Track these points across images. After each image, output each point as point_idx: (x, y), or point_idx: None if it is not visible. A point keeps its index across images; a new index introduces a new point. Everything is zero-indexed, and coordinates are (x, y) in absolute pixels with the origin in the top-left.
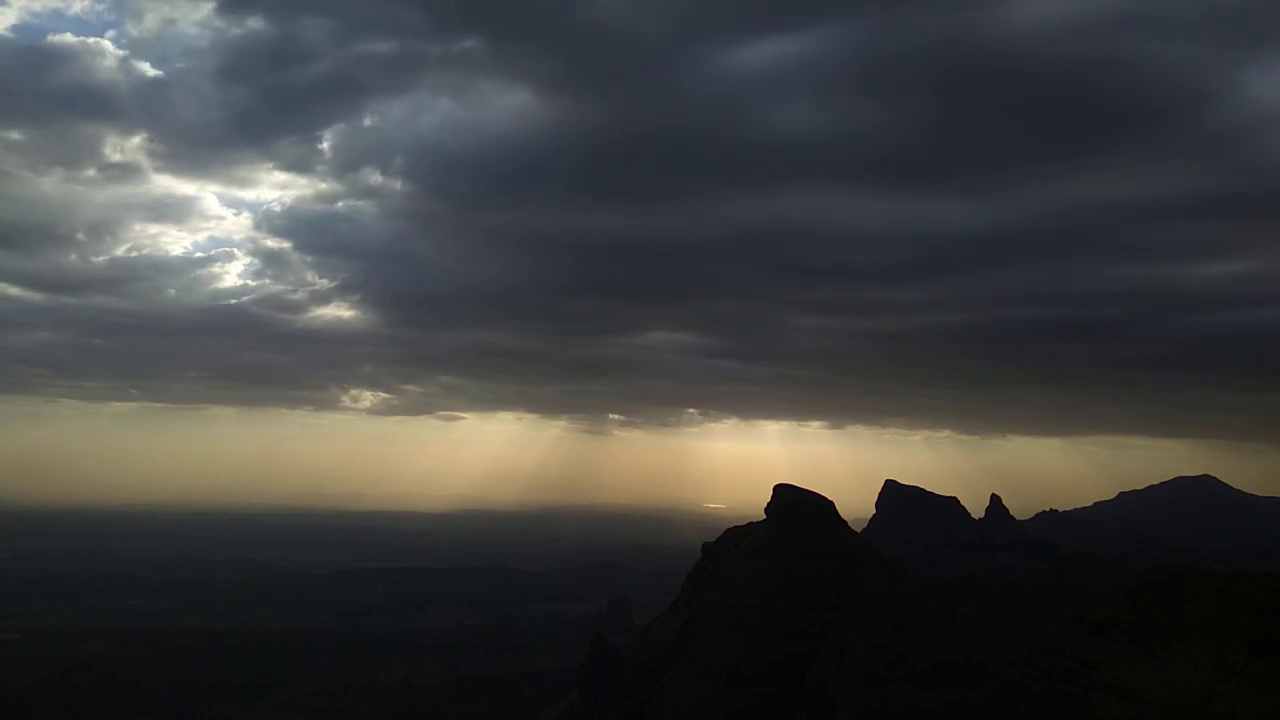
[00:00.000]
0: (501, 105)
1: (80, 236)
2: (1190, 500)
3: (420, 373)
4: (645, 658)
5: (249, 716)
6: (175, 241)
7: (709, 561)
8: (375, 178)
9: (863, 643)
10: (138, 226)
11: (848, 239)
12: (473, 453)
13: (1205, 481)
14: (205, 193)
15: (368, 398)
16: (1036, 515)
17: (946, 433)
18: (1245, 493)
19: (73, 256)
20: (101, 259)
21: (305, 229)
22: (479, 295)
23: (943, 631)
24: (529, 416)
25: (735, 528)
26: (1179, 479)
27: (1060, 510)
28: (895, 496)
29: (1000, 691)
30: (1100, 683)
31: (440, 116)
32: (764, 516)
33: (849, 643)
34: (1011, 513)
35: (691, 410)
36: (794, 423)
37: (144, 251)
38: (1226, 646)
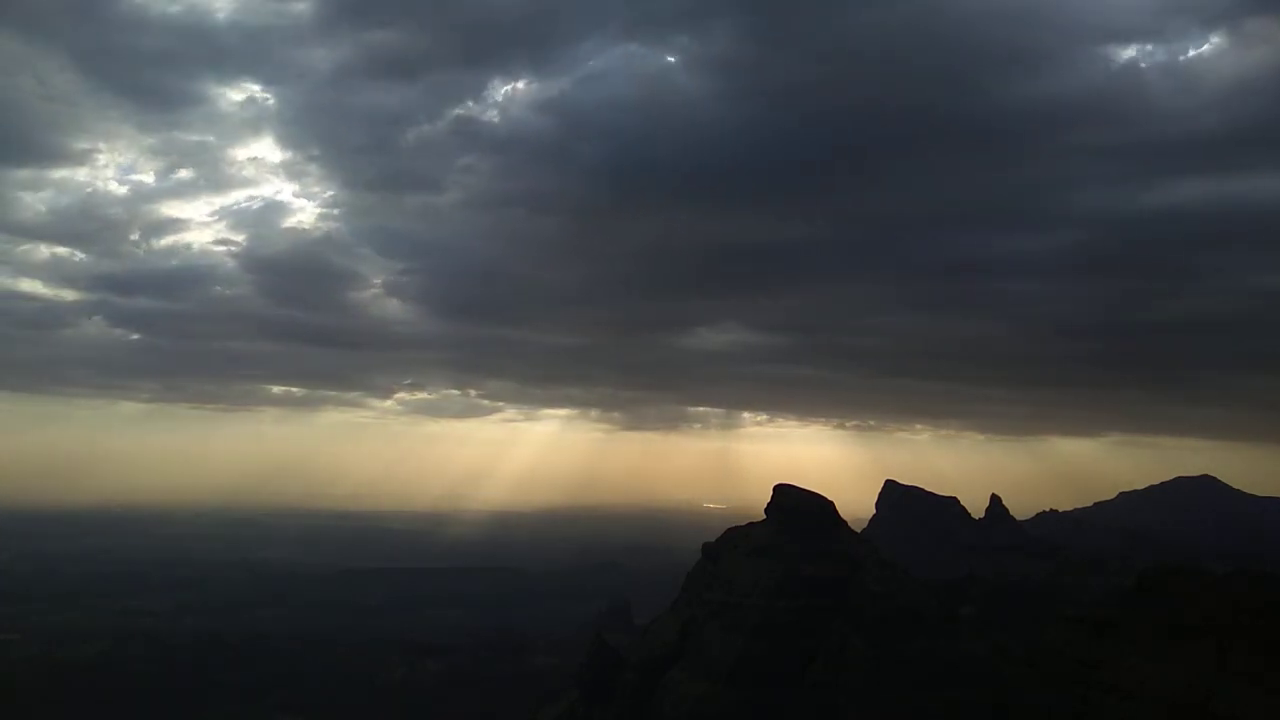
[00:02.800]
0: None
1: (138, 238)
2: (1190, 500)
3: (467, 375)
4: (645, 658)
5: (249, 716)
6: (249, 242)
7: (709, 561)
8: (473, 163)
9: (863, 643)
10: (208, 229)
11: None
12: (506, 454)
13: (1205, 481)
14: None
15: (417, 398)
16: (1036, 515)
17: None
18: (1245, 493)
19: (134, 256)
20: (169, 261)
21: (381, 232)
22: (555, 297)
23: (943, 631)
24: (573, 417)
25: (735, 528)
26: (1179, 479)
27: (1060, 510)
28: (895, 496)
29: (1000, 691)
30: (1100, 683)
31: (590, 77)
32: (764, 516)
33: (849, 643)
34: (1011, 513)
35: (745, 413)
36: (841, 424)
37: (213, 252)
38: (1226, 646)
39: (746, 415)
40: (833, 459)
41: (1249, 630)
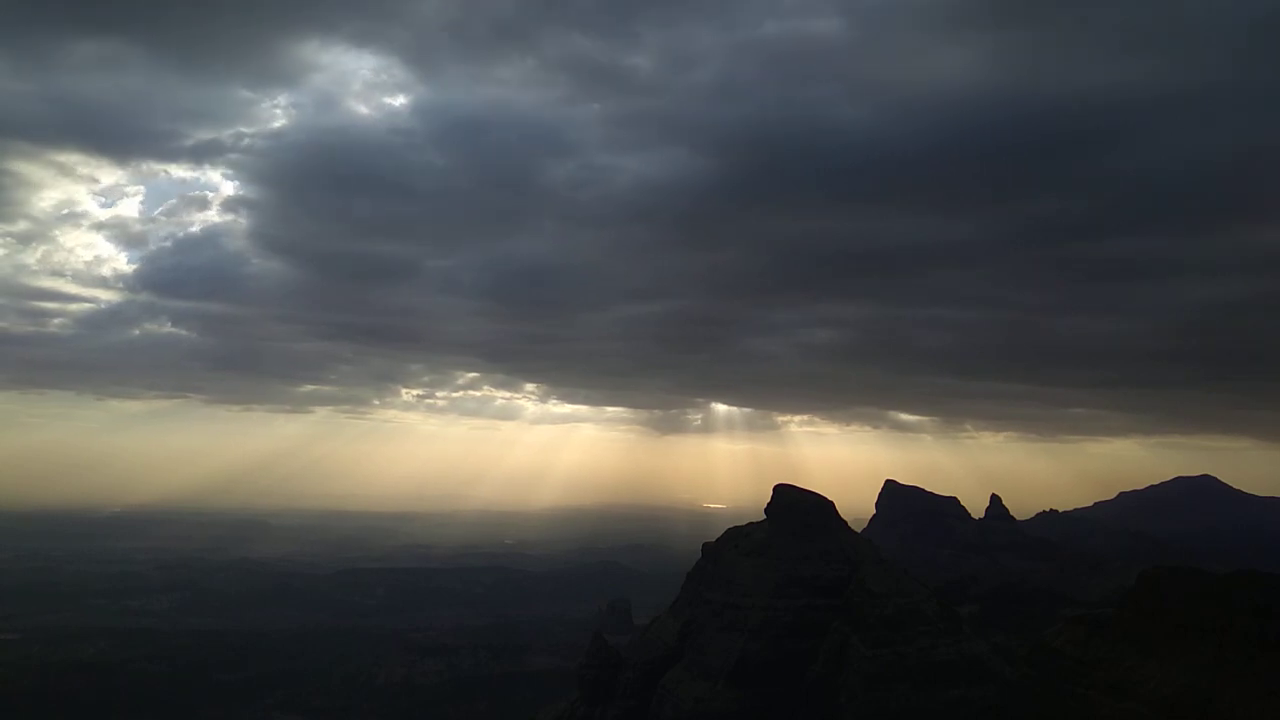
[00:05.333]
0: None
1: (183, 235)
2: (1190, 500)
3: (511, 376)
4: (645, 658)
5: (249, 716)
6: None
7: (709, 561)
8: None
9: (863, 643)
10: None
11: None
12: (535, 456)
13: (1205, 481)
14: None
15: (449, 399)
16: (1036, 515)
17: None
18: (1245, 492)
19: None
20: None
21: (435, 238)
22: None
23: (943, 631)
24: (618, 420)
25: (735, 528)
26: (1179, 479)
27: (1060, 510)
28: (895, 496)
29: (1000, 691)
30: (1100, 683)
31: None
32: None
33: (849, 643)
34: (1011, 513)
35: (782, 417)
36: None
37: None
38: (1226, 646)
39: (788, 417)
40: (878, 459)
41: (1249, 630)
